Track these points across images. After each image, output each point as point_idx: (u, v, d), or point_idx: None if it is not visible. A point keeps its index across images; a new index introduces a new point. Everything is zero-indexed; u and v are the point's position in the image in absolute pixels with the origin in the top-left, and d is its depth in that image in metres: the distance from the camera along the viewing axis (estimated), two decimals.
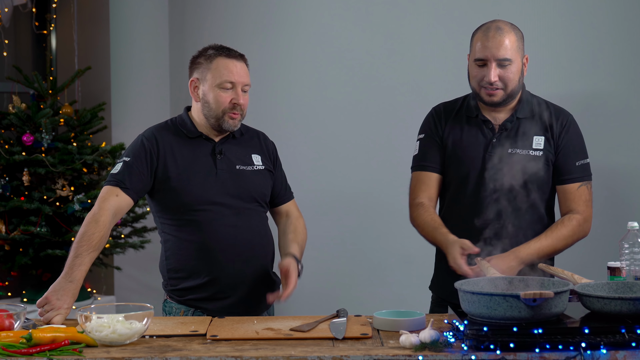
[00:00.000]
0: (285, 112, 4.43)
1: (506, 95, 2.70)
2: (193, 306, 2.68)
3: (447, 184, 2.81)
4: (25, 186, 4.49)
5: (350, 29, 4.17)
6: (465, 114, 2.80)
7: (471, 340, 1.99)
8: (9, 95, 4.88)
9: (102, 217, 2.55)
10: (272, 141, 2.89)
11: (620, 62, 3.40)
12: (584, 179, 2.74)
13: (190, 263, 2.67)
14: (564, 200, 2.74)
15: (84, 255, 2.48)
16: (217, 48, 2.70)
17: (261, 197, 2.76)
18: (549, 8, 3.64)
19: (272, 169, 2.83)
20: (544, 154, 2.71)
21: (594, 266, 2.95)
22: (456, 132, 2.78)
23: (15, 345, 2.03)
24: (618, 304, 2.06)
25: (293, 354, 2.00)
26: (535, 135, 2.72)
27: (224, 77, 2.65)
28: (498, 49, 2.64)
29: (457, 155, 2.76)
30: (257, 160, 2.78)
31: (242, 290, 2.68)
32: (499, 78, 2.66)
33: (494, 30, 2.67)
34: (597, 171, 3.38)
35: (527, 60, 2.75)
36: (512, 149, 2.70)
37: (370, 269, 4.19)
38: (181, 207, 2.66)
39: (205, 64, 2.68)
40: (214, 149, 2.71)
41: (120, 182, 2.62)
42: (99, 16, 5.24)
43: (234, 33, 4.61)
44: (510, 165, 2.68)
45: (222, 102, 2.66)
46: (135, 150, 2.69)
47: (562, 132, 2.73)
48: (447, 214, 2.80)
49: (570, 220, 2.71)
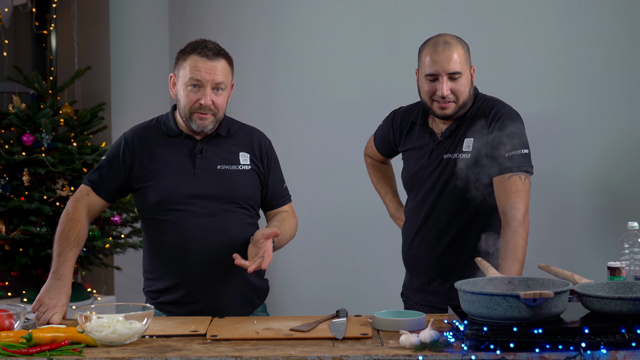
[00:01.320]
0: (284, 112, 4.43)
1: (458, 107, 2.76)
2: (164, 310, 2.62)
3: (405, 184, 2.96)
4: (25, 186, 4.50)
5: (350, 29, 4.17)
6: (416, 121, 2.91)
7: (471, 340, 1.99)
8: (9, 95, 4.89)
9: (75, 214, 2.57)
10: (268, 140, 2.79)
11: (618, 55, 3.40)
12: (516, 169, 2.66)
13: (161, 264, 2.62)
14: (496, 191, 2.70)
15: (66, 252, 2.50)
16: (194, 45, 2.61)
17: (244, 198, 2.66)
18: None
19: (262, 169, 2.72)
20: (472, 154, 2.74)
21: (594, 266, 2.95)
22: (411, 141, 2.92)
23: (15, 345, 2.03)
24: (618, 304, 2.06)
25: (293, 354, 2.00)
26: (466, 137, 2.77)
27: (191, 75, 2.57)
28: (448, 63, 2.70)
29: (409, 162, 2.92)
30: (244, 159, 2.68)
31: (211, 295, 2.60)
32: (451, 91, 2.72)
33: (442, 44, 2.72)
34: (598, 171, 3.39)
35: (474, 70, 2.81)
36: (446, 154, 2.79)
37: (370, 269, 4.19)
38: (154, 206, 2.61)
39: (180, 61, 2.63)
40: (193, 148, 2.65)
41: (92, 183, 2.64)
42: (99, 16, 5.24)
43: (234, 33, 4.62)
44: (444, 169, 2.77)
45: (189, 102, 2.59)
46: (112, 150, 2.68)
47: (493, 126, 2.73)
48: (406, 211, 2.98)
49: (508, 225, 2.61)
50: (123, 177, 2.64)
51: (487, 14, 3.65)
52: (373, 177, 3.28)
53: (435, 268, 2.82)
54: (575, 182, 3.44)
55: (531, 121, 3.56)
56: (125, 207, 4.70)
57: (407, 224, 2.94)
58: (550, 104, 3.49)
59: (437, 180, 2.80)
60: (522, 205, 2.64)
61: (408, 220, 2.94)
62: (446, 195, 2.78)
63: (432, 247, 2.82)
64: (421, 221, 2.85)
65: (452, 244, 2.79)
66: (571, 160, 3.45)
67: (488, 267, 2.44)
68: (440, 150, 2.81)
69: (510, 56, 3.59)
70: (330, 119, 4.28)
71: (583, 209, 3.42)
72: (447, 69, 2.70)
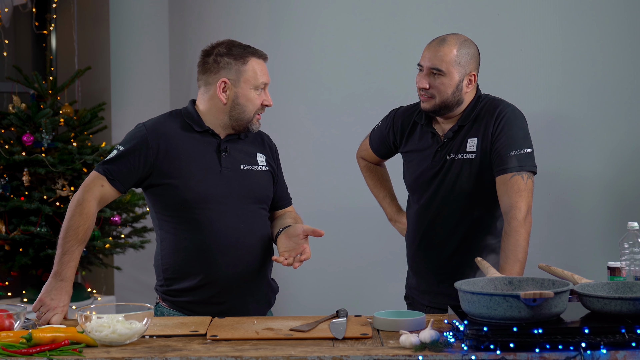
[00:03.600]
0: (284, 111, 4.42)
1: (437, 105, 2.76)
2: (186, 309, 2.59)
3: (409, 186, 2.94)
4: (25, 186, 4.49)
5: (350, 29, 4.17)
6: (418, 122, 2.90)
7: (471, 340, 1.99)
8: (9, 95, 4.89)
9: (86, 208, 2.50)
10: (274, 143, 2.83)
11: (619, 60, 3.40)
12: (518, 169, 2.67)
13: (187, 264, 2.58)
14: (499, 191, 2.71)
15: (72, 251, 2.46)
16: (245, 48, 2.63)
17: (265, 198, 2.69)
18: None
19: (275, 170, 2.76)
20: (477, 155, 2.75)
21: (594, 266, 2.95)
22: (413, 142, 2.90)
23: (15, 345, 2.03)
24: (618, 304, 2.06)
25: (293, 354, 2.00)
26: (470, 138, 2.77)
27: (261, 79, 2.61)
28: (432, 58, 2.74)
29: (412, 163, 2.89)
30: (261, 160, 2.70)
31: (238, 295, 2.60)
32: (429, 86, 2.74)
33: (438, 41, 2.77)
34: (598, 171, 3.39)
35: (475, 78, 2.78)
36: (450, 155, 2.79)
37: (370, 269, 4.19)
38: (181, 205, 2.57)
39: (236, 64, 2.60)
40: (219, 146, 2.63)
41: (108, 173, 2.55)
42: (99, 16, 5.24)
43: (234, 33, 4.61)
44: (449, 170, 2.77)
45: (256, 104, 2.62)
46: (132, 140, 2.59)
47: (496, 126, 2.74)
48: (411, 213, 2.95)
49: (510, 224, 2.62)
50: (143, 171, 2.57)
51: (488, 13, 3.65)
52: (369, 180, 3.25)
53: (445, 269, 2.81)
54: (576, 182, 3.44)
55: (531, 121, 3.55)
56: (125, 207, 4.70)
57: (412, 226, 2.93)
58: (550, 104, 3.50)
59: (442, 182, 2.80)
60: (524, 205, 2.63)
61: (413, 222, 2.92)
62: (453, 196, 2.78)
63: (441, 248, 2.82)
64: (428, 223, 2.84)
65: (461, 245, 2.79)
66: (571, 160, 3.45)
67: (488, 267, 2.44)
68: (444, 151, 2.80)
69: (511, 56, 3.59)
70: (331, 119, 4.28)
71: (583, 209, 3.43)
72: (429, 63, 2.73)
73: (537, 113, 3.51)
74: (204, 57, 2.65)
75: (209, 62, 2.63)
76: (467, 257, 2.74)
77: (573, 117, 3.43)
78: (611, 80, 3.36)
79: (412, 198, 2.95)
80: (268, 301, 2.72)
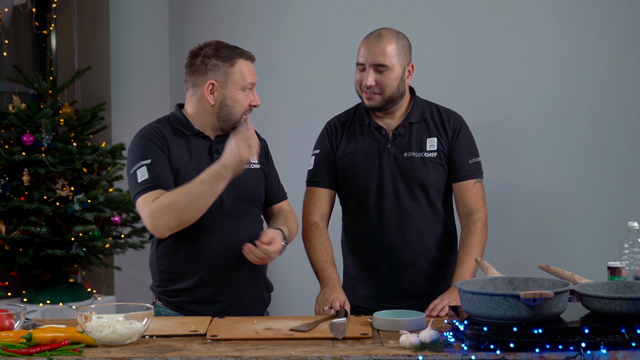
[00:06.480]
0: (283, 111, 4.43)
1: (384, 100, 2.77)
2: (183, 308, 2.60)
3: (349, 194, 2.87)
4: (25, 186, 4.49)
5: (349, 30, 4.17)
6: (358, 123, 2.87)
7: (471, 340, 1.99)
8: (9, 95, 4.89)
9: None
10: (263, 138, 2.80)
11: (619, 61, 3.40)
12: (477, 176, 2.81)
13: (183, 265, 2.60)
14: (461, 197, 2.80)
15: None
16: (232, 49, 2.63)
17: (257, 197, 2.71)
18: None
19: (266, 167, 2.76)
20: (438, 154, 2.79)
21: (594, 266, 2.95)
22: (351, 144, 2.86)
23: (15, 345, 2.03)
24: (618, 304, 2.06)
25: (293, 354, 2.00)
26: (428, 137, 2.80)
27: (248, 79, 2.62)
28: (375, 54, 2.73)
29: (355, 166, 2.83)
30: (253, 158, 2.67)
31: (234, 294, 2.61)
32: (375, 83, 2.75)
33: (375, 37, 2.77)
34: (598, 171, 3.39)
35: (413, 68, 2.81)
36: (407, 152, 2.78)
37: None
38: None
39: (224, 66, 2.60)
40: (210, 148, 2.65)
41: (160, 185, 2.52)
42: (99, 16, 5.24)
43: (234, 32, 4.61)
44: (407, 168, 2.77)
45: (244, 105, 2.63)
46: (149, 149, 2.57)
47: (454, 133, 2.81)
48: (351, 220, 2.89)
49: (475, 224, 2.75)
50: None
51: (487, 14, 3.65)
52: (317, 243, 2.83)
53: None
54: (575, 182, 3.44)
55: (530, 121, 3.56)
56: (125, 207, 4.70)
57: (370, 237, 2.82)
58: (550, 104, 3.50)
59: (395, 179, 2.78)
60: (486, 209, 2.80)
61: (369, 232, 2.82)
62: (414, 192, 2.77)
63: (414, 248, 2.81)
64: (396, 223, 2.79)
65: (432, 240, 2.82)
66: (571, 160, 3.45)
67: (488, 267, 2.44)
68: (399, 148, 2.79)
69: (510, 56, 3.59)
70: (329, 118, 4.28)
71: (583, 209, 3.43)
72: (373, 60, 2.74)
73: (536, 113, 3.51)
74: (192, 59, 2.65)
75: (196, 64, 2.63)
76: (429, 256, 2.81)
77: (573, 117, 3.44)
78: (612, 80, 3.36)
79: (356, 206, 2.84)
80: (264, 299, 2.73)
